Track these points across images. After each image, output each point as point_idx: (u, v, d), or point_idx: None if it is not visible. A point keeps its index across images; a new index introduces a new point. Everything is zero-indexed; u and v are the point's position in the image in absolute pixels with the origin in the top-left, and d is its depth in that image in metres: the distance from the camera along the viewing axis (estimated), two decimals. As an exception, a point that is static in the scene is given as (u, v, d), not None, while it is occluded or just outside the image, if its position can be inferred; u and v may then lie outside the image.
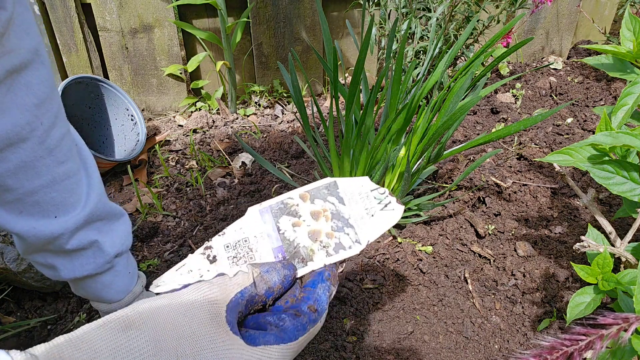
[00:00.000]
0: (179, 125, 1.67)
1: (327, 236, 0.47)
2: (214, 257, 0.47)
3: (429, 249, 1.07)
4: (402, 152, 1.10)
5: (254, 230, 0.47)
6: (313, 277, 0.45)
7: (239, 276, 0.42)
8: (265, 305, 0.43)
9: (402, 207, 0.47)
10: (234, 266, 0.46)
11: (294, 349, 0.40)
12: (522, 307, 0.97)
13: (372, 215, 0.47)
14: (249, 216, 0.48)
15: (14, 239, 0.62)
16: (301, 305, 0.42)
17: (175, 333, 0.35)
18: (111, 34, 1.56)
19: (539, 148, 1.37)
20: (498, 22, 1.50)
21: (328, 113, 1.70)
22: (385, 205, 0.48)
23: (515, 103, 1.66)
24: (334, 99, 1.10)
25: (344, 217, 0.47)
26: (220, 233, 0.48)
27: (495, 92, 1.72)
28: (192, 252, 1.04)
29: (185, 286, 0.42)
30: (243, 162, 1.40)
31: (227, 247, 0.47)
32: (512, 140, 1.44)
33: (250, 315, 0.43)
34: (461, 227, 1.13)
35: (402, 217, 1.14)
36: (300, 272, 0.46)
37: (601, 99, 1.61)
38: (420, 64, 1.50)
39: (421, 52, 1.49)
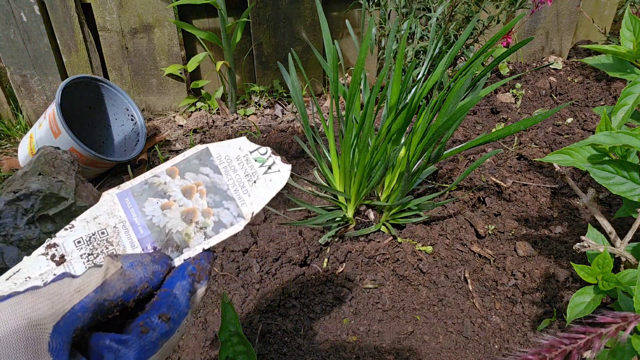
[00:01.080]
0: (179, 125, 1.67)
1: (203, 215, 0.40)
2: (62, 256, 0.38)
3: (429, 249, 1.07)
4: (402, 152, 1.10)
5: (113, 219, 0.39)
6: (172, 273, 0.38)
7: (81, 279, 0.33)
8: (126, 308, 0.35)
9: (289, 167, 0.41)
10: (90, 266, 0.38)
11: None
12: (522, 307, 0.97)
13: (255, 182, 0.41)
14: (105, 202, 0.40)
15: None
16: (150, 315, 0.35)
17: None
18: (111, 34, 1.56)
19: (539, 148, 1.37)
20: (498, 22, 1.50)
21: (328, 113, 1.70)
22: (269, 167, 0.41)
23: (515, 103, 1.66)
24: (334, 99, 1.10)
25: (222, 188, 0.41)
26: (67, 226, 0.38)
27: (495, 92, 1.72)
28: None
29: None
30: (243, 162, 1.40)
31: (79, 242, 0.38)
32: (512, 140, 1.44)
33: (99, 333, 0.34)
34: (461, 227, 1.13)
35: (402, 217, 1.14)
36: (177, 263, 0.39)
37: (601, 99, 1.61)
38: (420, 64, 1.50)
39: (421, 52, 1.49)
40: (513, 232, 1.11)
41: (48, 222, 0.98)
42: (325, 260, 1.07)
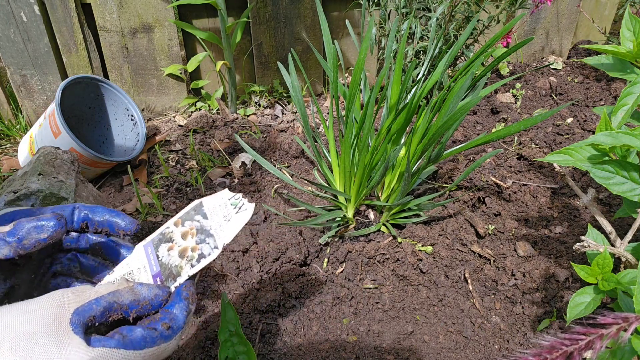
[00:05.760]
0: (179, 125, 1.67)
1: (192, 250, 0.52)
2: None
3: (429, 249, 1.07)
4: (402, 152, 1.10)
5: (138, 263, 0.54)
6: (172, 298, 0.49)
7: (101, 286, 0.46)
8: (128, 317, 0.46)
9: (253, 205, 0.53)
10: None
11: (137, 357, 0.42)
12: (522, 307, 0.97)
13: (229, 220, 0.53)
14: (135, 252, 0.55)
15: None
16: (157, 324, 0.46)
17: (13, 330, 0.39)
18: (111, 34, 1.56)
19: (539, 148, 1.37)
20: (498, 22, 1.50)
21: (328, 113, 1.70)
22: (239, 208, 0.53)
23: (515, 103, 1.66)
24: (334, 99, 1.10)
25: (207, 229, 0.53)
26: (110, 271, 0.54)
27: (495, 92, 1.72)
28: None
29: None
30: (243, 162, 1.40)
31: (114, 282, 0.51)
32: (512, 140, 1.44)
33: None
34: (461, 227, 1.13)
35: (402, 217, 1.14)
36: (173, 289, 0.51)
37: (601, 99, 1.61)
38: (420, 64, 1.50)
39: (421, 52, 1.49)
40: (513, 232, 1.11)
41: (48, 222, 0.98)
42: (325, 260, 1.07)
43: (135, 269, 0.53)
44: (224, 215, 0.53)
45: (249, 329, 0.94)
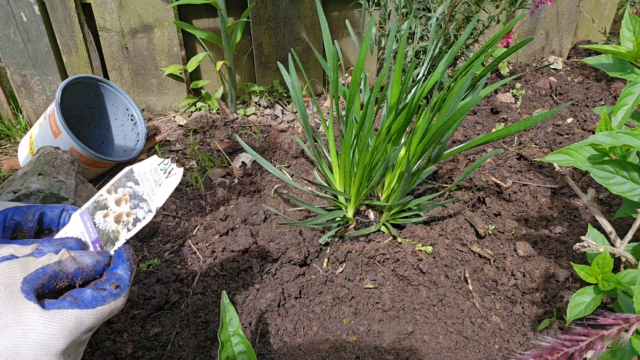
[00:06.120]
0: (179, 125, 1.67)
1: (127, 215, 0.55)
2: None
3: (429, 249, 1.07)
4: (402, 152, 1.10)
5: (76, 231, 0.56)
6: (114, 261, 0.53)
7: (44, 256, 0.48)
8: (74, 284, 0.49)
9: (182, 169, 0.56)
10: None
11: (91, 316, 0.46)
12: (522, 307, 0.97)
13: (160, 185, 0.55)
14: (72, 221, 0.57)
15: None
16: (104, 284, 0.50)
17: None
18: (111, 34, 1.56)
19: (539, 148, 1.37)
20: (498, 22, 1.50)
21: (328, 113, 1.70)
22: (169, 173, 0.56)
23: (515, 103, 1.66)
24: (334, 99, 1.10)
25: (139, 194, 0.56)
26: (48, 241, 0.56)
27: (495, 92, 1.72)
28: (195, 256, 1.05)
29: None
30: (243, 162, 1.40)
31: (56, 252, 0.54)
32: (512, 140, 1.44)
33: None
34: (461, 227, 1.13)
35: (402, 217, 1.14)
36: (113, 252, 0.54)
37: (601, 99, 1.61)
38: (420, 64, 1.50)
39: (421, 52, 1.49)
40: (513, 232, 1.11)
41: (48, 222, 0.98)
42: (325, 260, 1.07)
43: (75, 235, 0.56)
44: (155, 180, 0.56)
45: (249, 329, 0.94)
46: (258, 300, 0.98)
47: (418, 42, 1.45)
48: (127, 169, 0.58)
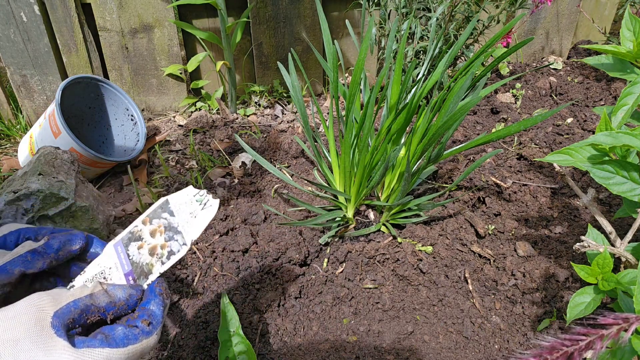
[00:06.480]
0: (179, 125, 1.67)
1: (161, 248, 0.54)
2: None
3: (429, 249, 1.07)
4: (402, 152, 1.10)
5: (109, 262, 0.55)
6: (147, 296, 0.51)
7: (76, 289, 0.47)
8: (105, 318, 0.48)
9: (218, 201, 0.54)
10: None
11: (122, 356, 0.44)
12: (522, 307, 0.97)
13: (195, 217, 0.54)
14: (106, 252, 0.56)
15: None
16: (136, 321, 0.47)
17: None
18: (111, 34, 1.56)
19: (539, 148, 1.37)
20: (498, 22, 1.50)
21: (328, 113, 1.70)
22: (205, 204, 0.55)
23: (515, 103, 1.66)
24: (334, 99, 1.10)
25: (174, 226, 0.55)
26: (81, 272, 0.54)
27: (495, 92, 1.72)
28: (195, 256, 1.04)
29: None
30: (243, 162, 1.40)
31: (86, 281, 0.53)
32: (512, 140, 1.44)
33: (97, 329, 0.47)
34: (461, 227, 1.13)
35: (402, 217, 1.14)
36: (146, 286, 0.52)
37: (601, 99, 1.61)
38: (420, 64, 1.50)
39: (421, 52, 1.49)
40: (513, 232, 1.11)
41: (48, 222, 0.98)
42: (325, 260, 1.07)
43: (107, 268, 0.54)
44: (190, 212, 0.55)
45: (249, 329, 0.94)
46: (258, 300, 0.98)
47: (418, 42, 1.45)
48: (162, 199, 0.57)
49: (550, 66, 1.81)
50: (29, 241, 0.52)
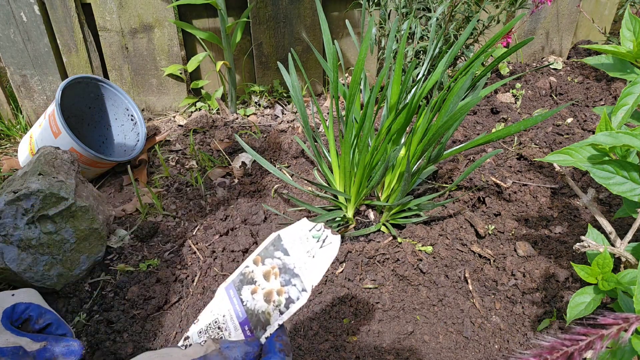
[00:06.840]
0: (179, 125, 1.67)
1: (278, 294, 0.49)
2: (189, 345, 0.49)
3: (429, 249, 1.07)
4: (402, 152, 1.10)
5: (222, 309, 0.50)
6: (266, 351, 0.46)
7: (189, 350, 0.44)
8: None
9: (339, 237, 0.49)
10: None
11: None
12: (522, 307, 0.97)
13: (314, 256, 0.49)
14: (218, 296, 0.51)
15: None
16: None
17: None
18: (111, 34, 1.56)
19: (539, 148, 1.37)
20: (498, 22, 1.50)
21: (328, 113, 1.70)
22: (323, 242, 0.49)
23: (515, 103, 1.66)
24: (334, 99, 1.10)
25: (290, 268, 0.49)
26: (195, 320, 0.51)
27: (495, 92, 1.72)
28: (195, 256, 1.14)
29: None
30: (243, 162, 1.40)
31: (200, 332, 0.50)
32: (512, 140, 1.44)
33: None
34: (461, 227, 1.13)
35: (402, 217, 1.14)
36: (263, 340, 0.48)
37: (601, 99, 1.61)
38: (420, 64, 1.50)
39: (421, 52, 1.49)
40: (513, 232, 1.11)
41: (48, 222, 0.98)
42: (326, 260, 1.07)
43: (221, 316, 0.50)
44: (307, 250, 0.49)
45: (249, 329, 0.94)
46: (258, 300, 0.98)
47: (418, 42, 1.45)
48: (274, 235, 0.52)
49: (550, 66, 1.81)
50: (26, 338, 0.50)
